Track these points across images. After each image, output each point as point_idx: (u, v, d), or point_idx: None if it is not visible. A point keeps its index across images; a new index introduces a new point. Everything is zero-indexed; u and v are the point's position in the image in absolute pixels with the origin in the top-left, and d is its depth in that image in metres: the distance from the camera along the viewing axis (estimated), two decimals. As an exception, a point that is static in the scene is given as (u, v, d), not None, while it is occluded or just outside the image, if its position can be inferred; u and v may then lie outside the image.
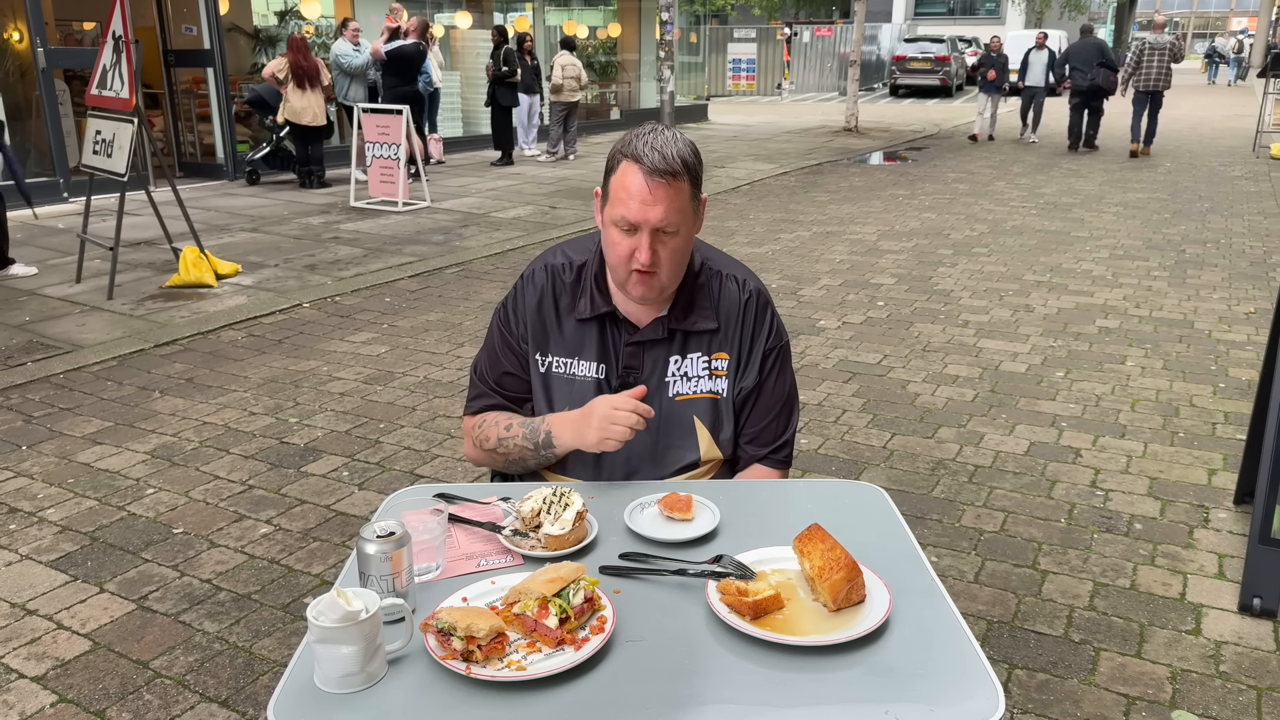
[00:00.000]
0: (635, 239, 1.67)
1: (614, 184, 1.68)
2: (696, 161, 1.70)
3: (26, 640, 2.64)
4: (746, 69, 27.61)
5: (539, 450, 1.78)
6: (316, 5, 12.00)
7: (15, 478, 3.64)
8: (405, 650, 1.26)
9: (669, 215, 1.65)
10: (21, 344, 5.19)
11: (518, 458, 1.82)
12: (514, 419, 1.83)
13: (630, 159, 1.65)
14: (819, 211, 9.40)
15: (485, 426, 1.85)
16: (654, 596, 1.40)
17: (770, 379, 1.86)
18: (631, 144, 1.67)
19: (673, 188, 1.64)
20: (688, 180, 1.67)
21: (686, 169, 1.67)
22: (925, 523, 3.30)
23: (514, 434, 1.80)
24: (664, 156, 1.64)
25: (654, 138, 1.66)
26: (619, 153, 1.68)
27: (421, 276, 6.74)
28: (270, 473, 3.69)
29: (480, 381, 1.91)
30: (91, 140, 6.42)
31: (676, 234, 1.68)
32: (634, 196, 1.64)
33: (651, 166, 1.63)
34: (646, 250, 1.66)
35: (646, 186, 1.63)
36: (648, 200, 1.63)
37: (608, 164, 1.72)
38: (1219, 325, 5.53)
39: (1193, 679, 2.48)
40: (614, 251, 1.71)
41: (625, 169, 1.66)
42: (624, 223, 1.66)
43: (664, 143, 1.65)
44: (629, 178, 1.65)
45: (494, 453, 1.84)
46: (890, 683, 1.22)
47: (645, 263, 1.67)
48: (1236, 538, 3.19)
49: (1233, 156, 13.29)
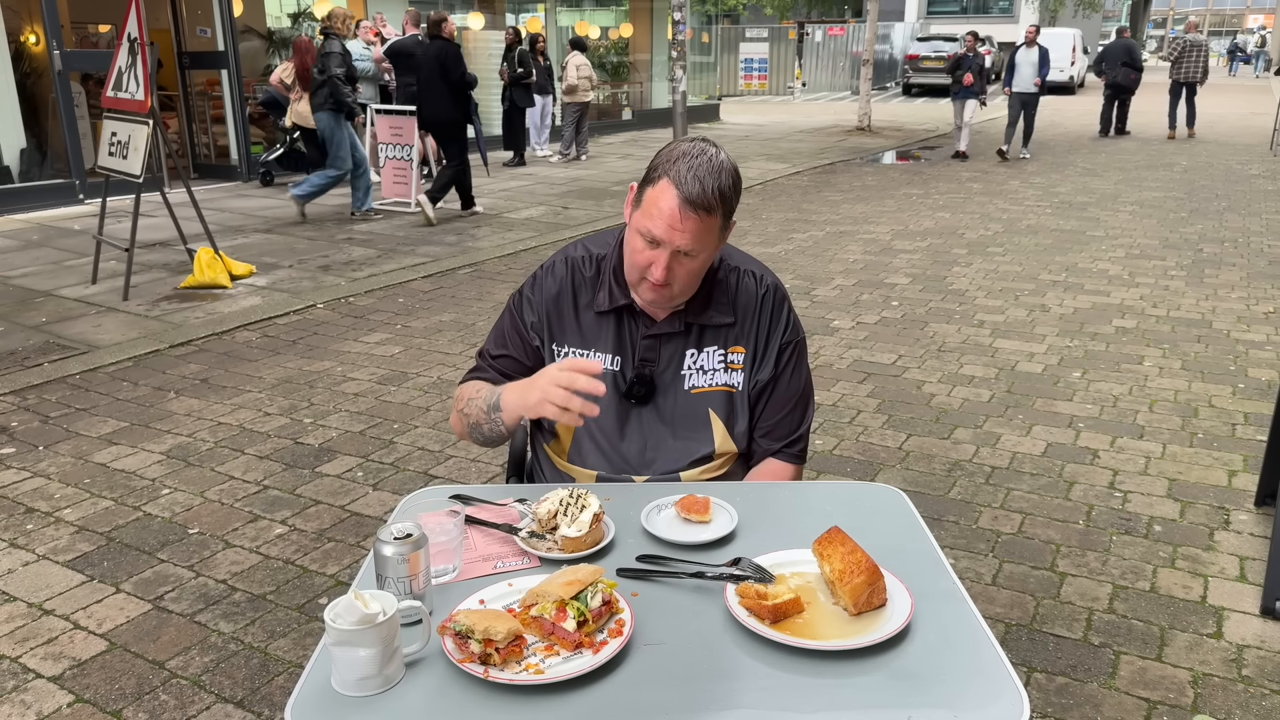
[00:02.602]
0: (655, 254, 1.67)
1: (649, 195, 1.67)
2: (734, 193, 1.68)
3: (44, 640, 2.65)
4: (759, 69, 27.57)
5: (489, 413, 1.78)
6: (329, 7, 12.03)
7: (32, 478, 3.66)
8: (423, 653, 1.26)
9: (693, 243, 1.65)
10: (38, 345, 5.22)
11: (475, 421, 1.82)
12: (485, 386, 1.84)
13: (670, 180, 1.63)
14: (832, 211, 9.37)
15: (465, 389, 1.89)
16: (672, 599, 1.39)
17: (786, 373, 1.86)
18: (676, 164, 1.64)
19: (703, 222, 1.64)
20: (720, 214, 1.66)
21: (722, 203, 1.65)
22: (942, 524, 3.28)
23: (479, 396, 1.82)
24: (703, 189, 1.61)
25: (699, 164, 1.63)
26: (662, 166, 1.66)
27: (434, 277, 6.75)
28: (285, 473, 3.69)
29: (480, 358, 1.94)
30: (107, 142, 6.45)
31: (695, 259, 1.69)
32: (664, 217, 1.63)
33: (687, 196, 1.62)
34: (662, 269, 1.66)
35: (678, 213, 1.62)
36: (676, 226, 1.63)
37: (650, 168, 1.70)
38: (1238, 325, 5.48)
39: (1214, 683, 2.46)
40: (632, 257, 1.72)
41: (663, 187, 1.64)
42: (648, 235, 1.67)
43: (706, 172, 1.62)
44: (664, 198, 1.64)
45: (462, 414, 1.86)
46: (912, 688, 1.20)
47: (659, 280, 1.68)
48: (1258, 540, 3.15)
49: (1250, 155, 13.18)
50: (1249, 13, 71.59)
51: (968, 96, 12.75)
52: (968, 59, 12.69)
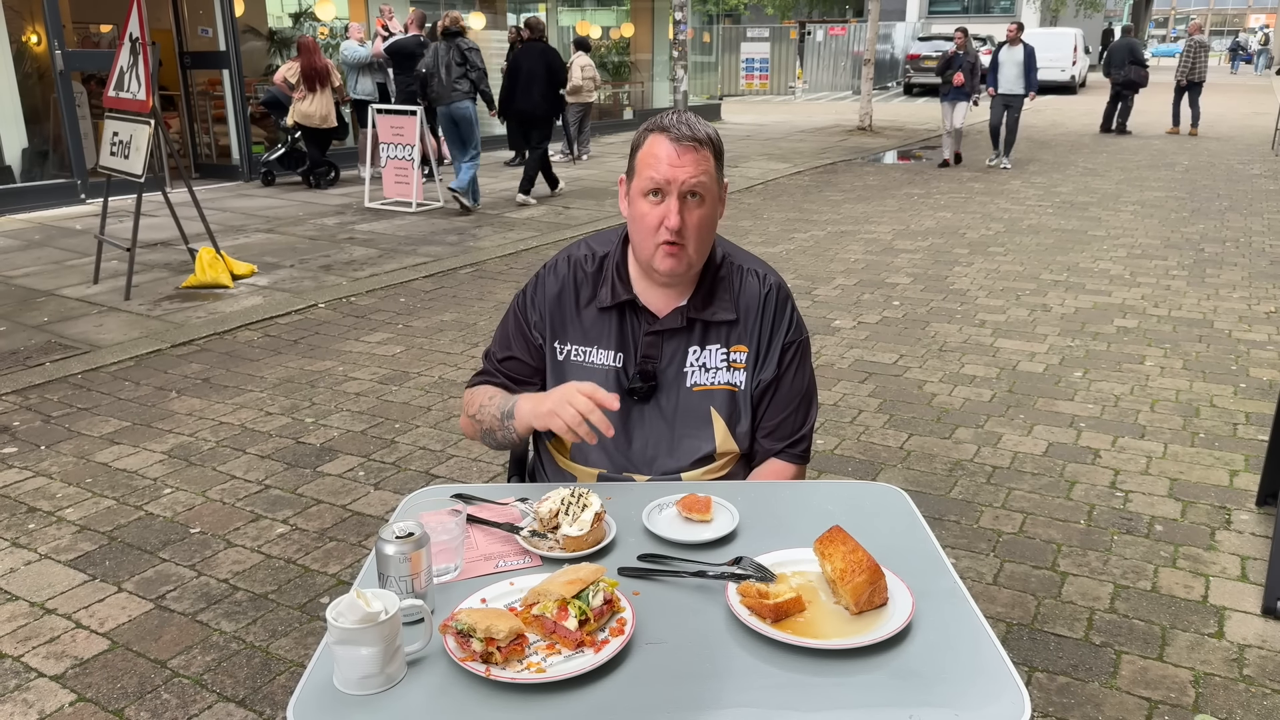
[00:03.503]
0: (664, 206, 1.70)
1: (641, 156, 1.73)
2: (720, 141, 1.77)
3: (46, 639, 2.66)
4: (760, 68, 27.56)
5: (503, 420, 1.81)
6: (330, 6, 12.05)
7: (34, 477, 3.67)
8: (424, 651, 1.26)
9: (697, 175, 1.69)
10: (40, 344, 5.22)
11: (489, 427, 1.85)
12: (499, 392, 1.87)
13: (657, 131, 1.72)
14: (833, 211, 9.37)
15: (475, 394, 1.91)
16: (673, 598, 1.39)
17: (789, 373, 1.86)
18: (658, 121, 1.74)
19: (699, 153, 1.70)
20: (712, 152, 1.73)
21: (711, 141, 1.73)
22: (943, 524, 3.28)
23: (492, 403, 1.85)
24: (690, 127, 1.71)
25: (678, 115, 1.74)
26: (644, 130, 1.75)
27: (436, 277, 6.75)
28: (286, 473, 3.70)
29: (486, 360, 1.95)
30: (109, 142, 6.46)
31: (703, 203, 1.72)
32: (662, 160, 1.69)
33: (679, 134, 1.69)
34: (675, 215, 1.68)
35: (675, 150, 1.69)
36: (676, 162, 1.68)
37: (633, 146, 1.77)
38: (1239, 325, 5.48)
39: (1216, 682, 2.46)
40: (642, 223, 1.72)
41: (652, 140, 1.72)
42: (651, 184, 1.70)
43: (689, 119, 1.72)
44: (657, 146, 1.70)
45: (474, 419, 1.89)
46: (914, 687, 1.20)
47: (674, 226, 1.68)
48: (1259, 540, 3.15)
49: (1252, 154, 13.17)
50: (1250, 12, 71.56)
51: (958, 98, 11.91)
52: (958, 57, 11.79)
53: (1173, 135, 15.47)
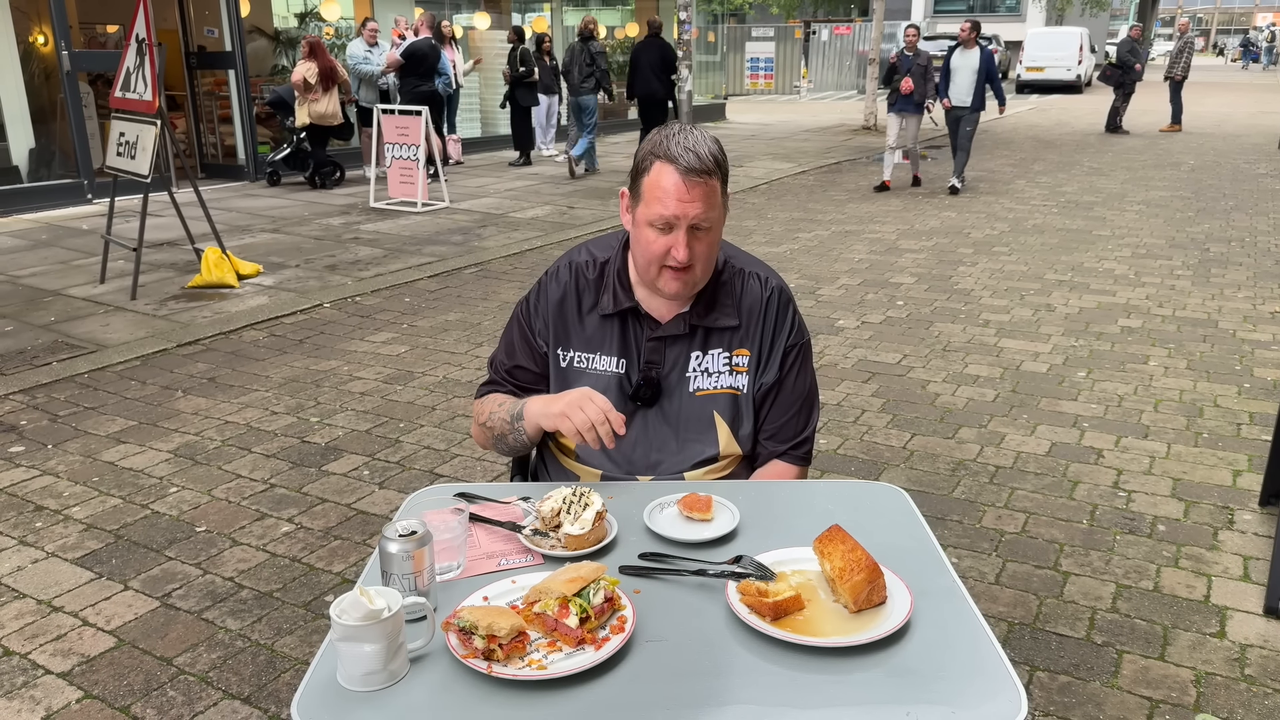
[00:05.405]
0: (671, 237, 1.69)
1: (647, 184, 1.70)
2: (724, 158, 1.74)
3: (52, 637, 2.68)
4: (765, 68, 27.54)
5: (513, 423, 1.82)
6: (336, 7, 12.07)
7: (41, 476, 3.69)
8: (427, 649, 1.27)
9: (706, 211, 1.68)
10: (47, 344, 5.25)
11: (500, 433, 1.86)
12: (507, 399, 1.88)
13: (664, 160, 1.68)
14: (837, 210, 9.37)
15: (485, 403, 1.92)
16: (674, 597, 1.40)
17: (791, 376, 1.87)
18: (664, 145, 1.69)
19: (707, 186, 1.68)
20: (719, 178, 1.71)
21: (718, 166, 1.71)
22: (946, 524, 3.28)
23: (502, 409, 1.85)
24: (698, 156, 1.67)
25: (685, 138, 1.69)
26: (650, 154, 1.70)
27: (440, 277, 6.77)
28: (291, 471, 3.72)
29: (492, 368, 1.96)
30: (115, 142, 6.48)
31: (710, 230, 1.71)
32: (671, 195, 1.67)
33: (687, 166, 1.66)
34: (684, 248, 1.68)
35: (683, 185, 1.66)
36: (685, 198, 1.66)
37: (637, 165, 1.74)
38: (1244, 325, 5.47)
39: (1217, 682, 2.46)
40: (648, 250, 1.72)
41: (659, 170, 1.68)
42: (660, 221, 1.68)
43: (695, 142, 1.68)
44: (664, 177, 1.67)
45: (485, 427, 1.90)
46: (911, 684, 1.21)
47: (682, 260, 1.69)
48: (1262, 540, 3.15)
49: (1258, 154, 13.13)
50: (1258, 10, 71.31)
51: (907, 109, 10.05)
52: (905, 59, 9.84)
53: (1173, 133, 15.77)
